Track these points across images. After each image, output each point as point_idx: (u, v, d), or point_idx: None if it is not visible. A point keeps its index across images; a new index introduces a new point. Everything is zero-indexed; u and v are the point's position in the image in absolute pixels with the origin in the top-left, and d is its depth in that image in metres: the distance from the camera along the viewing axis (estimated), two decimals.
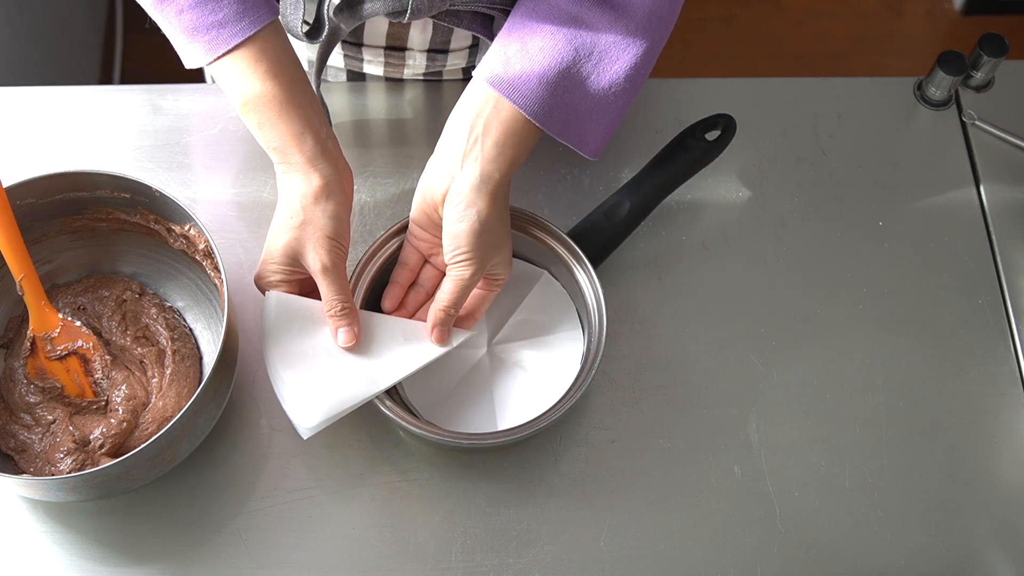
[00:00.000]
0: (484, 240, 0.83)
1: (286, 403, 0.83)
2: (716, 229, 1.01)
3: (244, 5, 0.80)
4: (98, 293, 0.94)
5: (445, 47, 1.01)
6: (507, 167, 0.83)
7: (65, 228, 0.92)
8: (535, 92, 0.82)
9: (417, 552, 0.88)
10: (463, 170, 0.83)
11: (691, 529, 0.89)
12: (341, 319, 0.84)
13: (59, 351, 0.89)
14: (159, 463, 0.83)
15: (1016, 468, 0.92)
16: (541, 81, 0.82)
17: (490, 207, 0.83)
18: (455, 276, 0.85)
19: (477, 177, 0.82)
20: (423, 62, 1.03)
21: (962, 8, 2.32)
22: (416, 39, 1.00)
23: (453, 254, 0.84)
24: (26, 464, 0.86)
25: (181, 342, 0.92)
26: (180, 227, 0.89)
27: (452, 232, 0.83)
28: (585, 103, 0.84)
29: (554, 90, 0.82)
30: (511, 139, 0.83)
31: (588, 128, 0.85)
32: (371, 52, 1.02)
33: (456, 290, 0.85)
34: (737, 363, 0.95)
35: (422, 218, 0.87)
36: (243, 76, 0.81)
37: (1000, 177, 1.04)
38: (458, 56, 1.03)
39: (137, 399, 0.89)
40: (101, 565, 0.86)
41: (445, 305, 0.86)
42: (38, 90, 1.05)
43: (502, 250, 0.86)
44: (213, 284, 0.91)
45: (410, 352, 0.87)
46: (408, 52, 1.02)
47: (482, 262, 0.84)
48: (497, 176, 0.83)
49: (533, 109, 0.82)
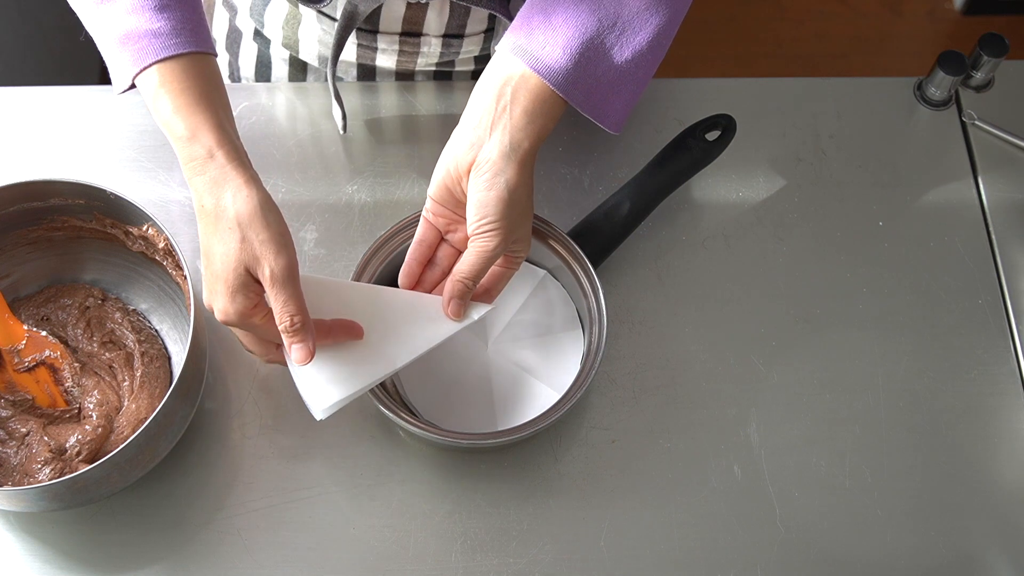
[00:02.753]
0: (511, 210, 0.81)
1: (299, 384, 0.81)
2: (716, 229, 1.01)
3: (185, 26, 0.78)
4: (60, 302, 0.93)
5: (461, 31, 1.01)
6: (535, 136, 0.81)
7: (22, 240, 0.92)
8: (559, 62, 0.80)
9: (417, 552, 0.88)
10: (491, 138, 0.80)
11: (691, 529, 0.89)
12: (295, 335, 0.77)
13: (27, 363, 0.89)
14: (138, 464, 0.82)
15: (1016, 468, 0.92)
16: (565, 51, 0.80)
17: (519, 176, 0.81)
18: (478, 247, 0.82)
19: (507, 144, 0.80)
20: (437, 49, 1.02)
21: (962, 8, 2.32)
22: (433, 23, 0.99)
23: (479, 223, 0.81)
24: (3, 478, 0.86)
25: (148, 344, 0.92)
26: (138, 228, 0.89)
27: (479, 200, 0.81)
28: (608, 75, 0.82)
29: (577, 61, 0.81)
30: (540, 107, 0.81)
31: (610, 100, 0.84)
32: (386, 40, 1.01)
33: (478, 261, 0.82)
34: (737, 363, 0.95)
35: (443, 193, 0.84)
36: (163, 83, 0.77)
37: (1000, 177, 1.04)
38: (473, 42, 1.02)
39: (110, 404, 0.89)
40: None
41: (464, 276, 0.83)
42: (38, 90, 1.05)
43: (525, 224, 0.84)
44: (175, 283, 0.91)
45: (426, 329, 0.85)
46: (423, 38, 1.01)
47: (507, 233, 0.82)
48: (527, 145, 0.81)
49: (557, 80, 0.80)
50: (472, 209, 0.81)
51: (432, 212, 0.86)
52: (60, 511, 0.87)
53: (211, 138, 0.76)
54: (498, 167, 0.80)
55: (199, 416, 0.91)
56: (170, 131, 0.77)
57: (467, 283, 0.83)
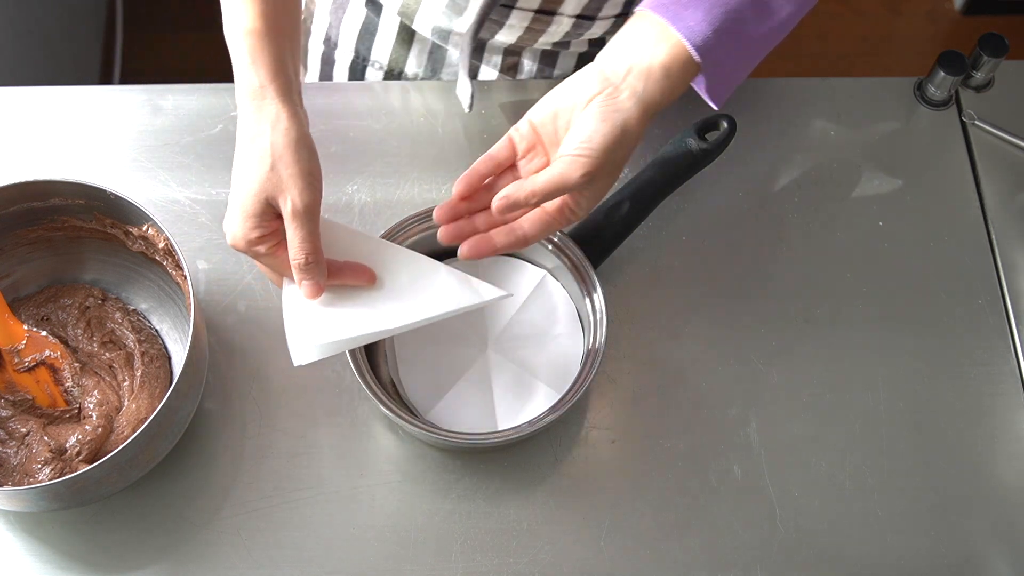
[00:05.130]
0: (612, 152, 0.79)
1: (287, 323, 0.80)
2: (716, 229, 1.01)
3: None
4: (60, 302, 0.93)
5: (595, 13, 0.99)
6: (664, 95, 0.80)
7: (22, 240, 0.92)
8: (700, 25, 0.79)
9: (417, 552, 0.88)
10: (625, 80, 0.79)
11: (691, 529, 0.89)
12: (307, 271, 0.77)
13: (27, 363, 0.89)
14: (138, 464, 0.83)
15: (1016, 468, 0.92)
16: (707, 16, 0.79)
17: (637, 125, 0.79)
18: (560, 170, 0.78)
19: (640, 91, 0.79)
20: (566, 28, 1.00)
21: (962, 8, 2.32)
22: (572, 2, 0.97)
23: (578, 145, 0.78)
24: (3, 478, 0.86)
25: (148, 344, 0.92)
26: (138, 228, 0.88)
27: (589, 126, 0.78)
28: (738, 49, 0.82)
29: (717, 28, 0.79)
30: (677, 69, 0.79)
31: (731, 75, 0.83)
32: (518, 15, 0.99)
33: (551, 181, 0.78)
34: (737, 363, 0.95)
35: (546, 115, 0.81)
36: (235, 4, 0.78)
37: (1000, 177, 1.04)
38: (602, 25, 1.01)
39: (110, 404, 0.89)
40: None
41: (530, 190, 0.78)
42: (38, 90, 1.05)
43: (608, 179, 0.81)
44: (175, 283, 0.91)
45: (431, 299, 0.82)
46: (556, 17, 0.99)
47: (595, 171, 0.78)
48: (657, 98, 0.79)
49: (696, 41, 0.79)
50: (576, 132, 0.79)
51: (519, 131, 0.83)
52: (60, 511, 0.87)
53: (267, 71, 0.77)
54: (624, 106, 0.78)
55: (199, 416, 0.91)
56: (234, 48, 0.78)
57: (528, 197, 0.78)
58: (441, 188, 1.00)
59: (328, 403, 0.92)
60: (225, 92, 1.03)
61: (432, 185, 1.01)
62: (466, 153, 1.02)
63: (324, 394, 0.92)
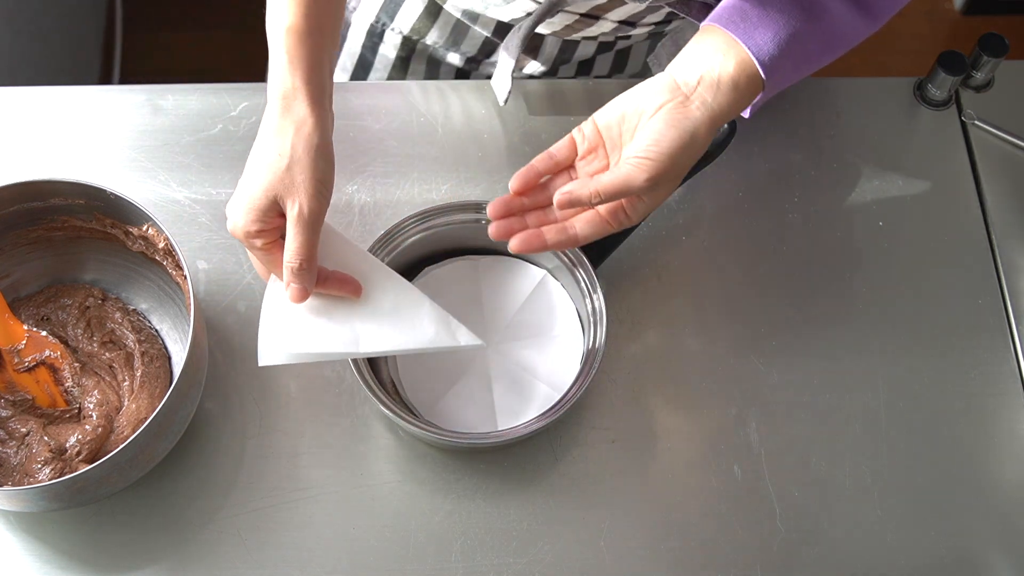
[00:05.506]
0: (677, 158, 0.79)
1: (263, 321, 0.81)
2: (716, 229, 1.01)
3: None
4: (60, 302, 0.93)
5: (639, 20, 0.99)
6: (731, 108, 0.81)
7: (22, 240, 0.92)
8: (768, 45, 0.81)
9: (417, 552, 0.88)
10: (696, 92, 0.80)
11: (691, 529, 0.89)
12: (298, 276, 0.78)
13: (27, 363, 0.89)
14: (138, 464, 0.83)
15: (1016, 468, 0.92)
16: (775, 37, 0.81)
17: (704, 135, 0.80)
18: (626, 172, 0.79)
19: (709, 101, 0.80)
20: (607, 29, 1.00)
21: (962, 8, 2.31)
22: (621, 10, 0.97)
23: (645, 150, 0.79)
24: (3, 478, 0.86)
25: (148, 343, 0.92)
26: (138, 228, 0.88)
27: (658, 130, 0.79)
28: (795, 71, 0.84)
29: (783, 50, 0.81)
30: (744, 82, 0.81)
31: (777, 93, 0.85)
32: (564, 16, 0.99)
33: (616, 183, 0.78)
34: (737, 363, 0.95)
35: (612, 119, 0.82)
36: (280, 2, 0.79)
37: (1000, 177, 1.04)
38: (644, 30, 1.02)
39: (110, 404, 0.89)
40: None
41: (594, 189, 0.78)
42: (38, 90, 1.05)
43: (669, 186, 0.82)
44: (175, 283, 0.91)
45: (409, 332, 0.83)
46: (601, 21, 0.99)
47: (659, 175, 0.79)
48: (725, 110, 0.81)
49: (764, 59, 0.80)
50: (644, 136, 0.79)
51: (583, 132, 0.84)
52: (60, 511, 0.87)
53: (303, 74, 0.77)
54: (693, 115, 0.80)
55: (199, 416, 0.91)
56: (273, 44, 0.78)
57: (591, 196, 0.79)
58: (441, 188, 1.00)
59: (328, 403, 0.92)
60: (225, 92, 1.03)
61: (432, 185, 1.00)
62: (466, 153, 1.02)
63: (324, 394, 0.92)
